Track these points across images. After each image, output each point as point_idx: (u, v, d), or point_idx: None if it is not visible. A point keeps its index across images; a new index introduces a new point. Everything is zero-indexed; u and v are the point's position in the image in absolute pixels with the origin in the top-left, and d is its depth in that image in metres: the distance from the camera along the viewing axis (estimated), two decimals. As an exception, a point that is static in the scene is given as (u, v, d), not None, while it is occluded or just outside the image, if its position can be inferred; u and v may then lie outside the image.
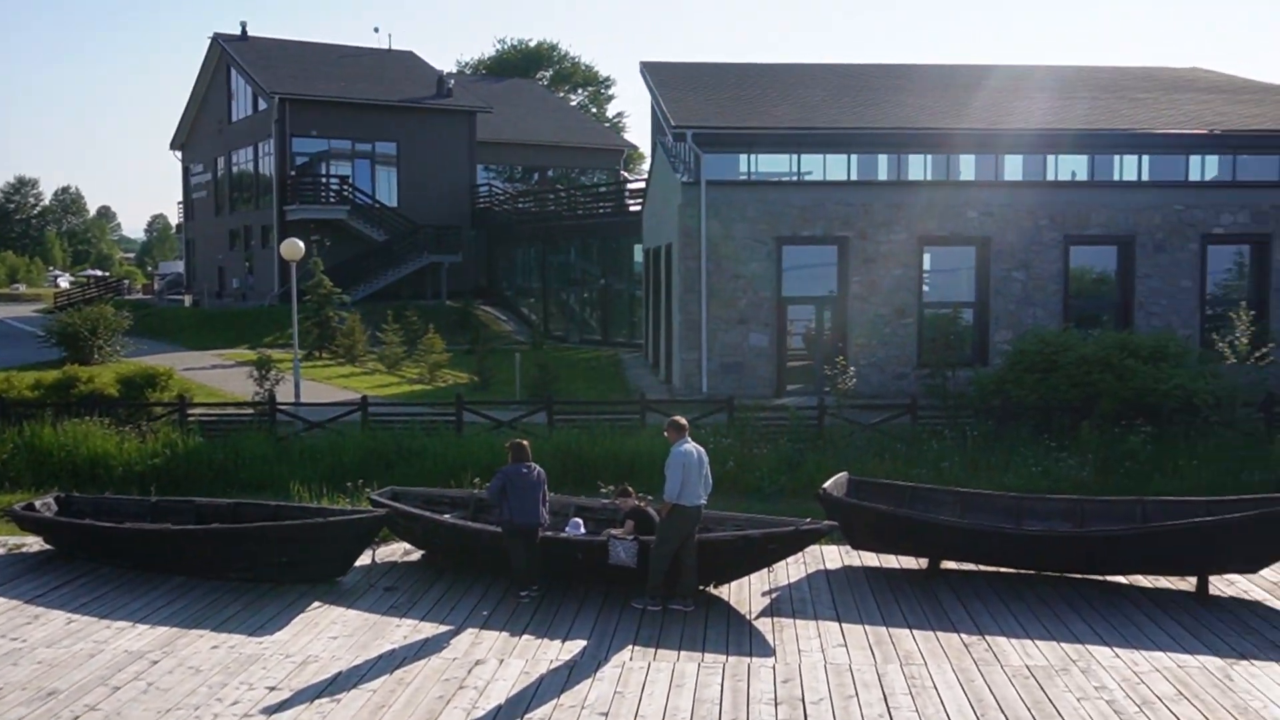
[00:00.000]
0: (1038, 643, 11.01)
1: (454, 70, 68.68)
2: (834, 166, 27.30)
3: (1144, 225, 27.09)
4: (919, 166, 27.52)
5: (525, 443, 12.92)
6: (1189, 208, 27.24)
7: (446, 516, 14.13)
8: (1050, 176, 27.61)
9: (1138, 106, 30.38)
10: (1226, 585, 12.94)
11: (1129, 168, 27.80)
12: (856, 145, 27.19)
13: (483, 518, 14.32)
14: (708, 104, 29.39)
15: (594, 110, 78.94)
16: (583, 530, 13.62)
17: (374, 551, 14.26)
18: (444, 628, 11.65)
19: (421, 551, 14.38)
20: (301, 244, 27.93)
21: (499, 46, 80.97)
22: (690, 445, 12.23)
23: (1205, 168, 28.03)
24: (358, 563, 13.70)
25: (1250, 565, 12.79)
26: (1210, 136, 27.48)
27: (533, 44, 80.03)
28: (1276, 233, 27.38)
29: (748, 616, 12.01)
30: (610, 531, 12.90)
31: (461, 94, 51.70)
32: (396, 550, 14.64)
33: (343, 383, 30.98)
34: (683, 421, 12.54)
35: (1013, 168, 27.73)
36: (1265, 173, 27.80)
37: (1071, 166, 27.86)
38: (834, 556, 14.24)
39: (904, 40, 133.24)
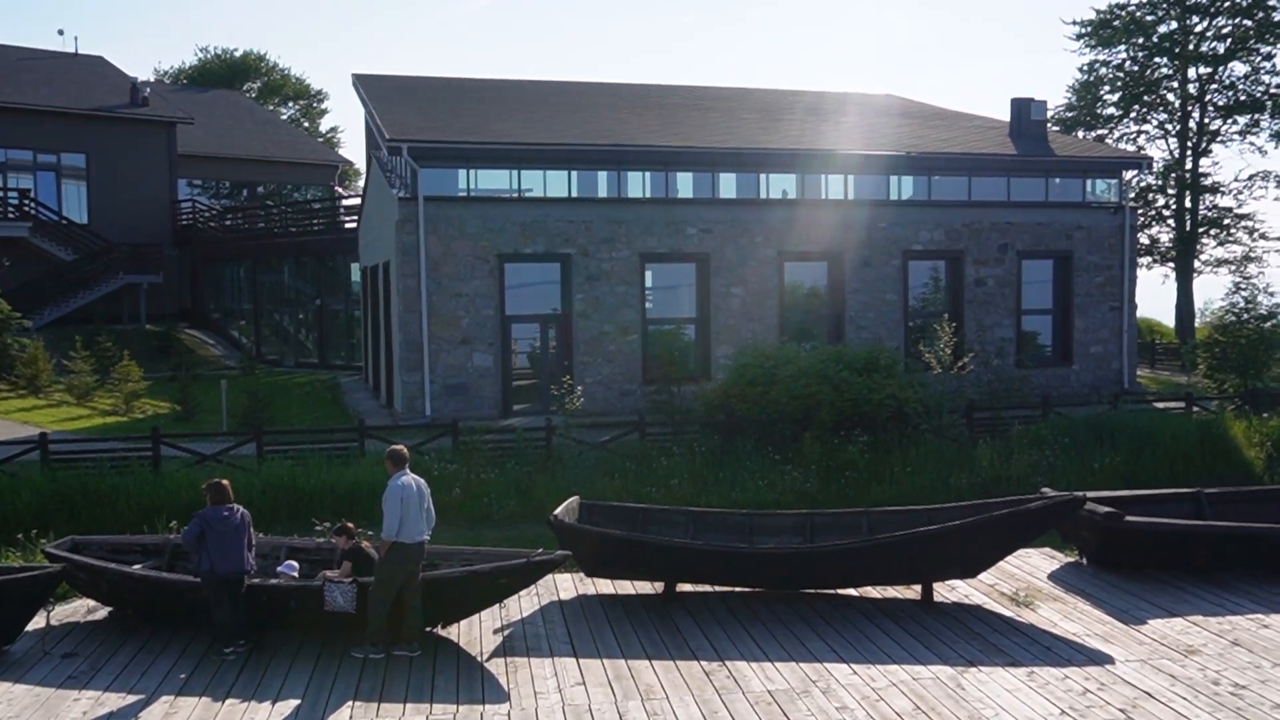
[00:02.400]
0: (777, 665, 10.83)
1: (151, 79, 64.39)
2: (554, 183, 26.97)
3: (851, 242, 28.18)
4: (638, 184, 27.58)
5: (225, 482, 11.69)
6: (890, 225, 28.57)
7: (136, 567, 12.64)
8: (763, 195, 28.29)
9: (840, 129, 31.69)
10: (949, 591, 13.28)
11: (835, 187, 28.86)
12: (577, 162, 26.99)
13: (180, 566, 12.93)
14: (424, 118, 28.47)
15: (306, 124, 75.89)
16: (296, 574, 12.49)
17: (49, 612, 12.50)
18: (133, 697, 10.30)
19: (108, 609, 12.82)
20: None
21: (201, 55, 76.29)
22: (409, 477, 11.37)
23: (903, 188, 29.47)
24: (30, 627, 12.02)
25: (968, 570, 13.19)
26: (907, 158, 28.92)
27: (238, 54, 76.06)
28: (968, 249, 29.12)
29: (479, 658, 11.27)
30: (325, 574, 11.87)
31: (159, 104, 48.34)
32: (78, 609, 12.98)
33: (23, 417, 27.98)
34: (402, 451, 11.66)
35: (728, 186, 28.24)
36: (956, 193, 29.54)
37: (782, 185, 28.65)
38: (568, 586, 13.70)
39: (620, 63, 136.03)
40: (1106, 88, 45.70)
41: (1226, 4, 42.76)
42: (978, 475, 19.71)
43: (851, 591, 13.25)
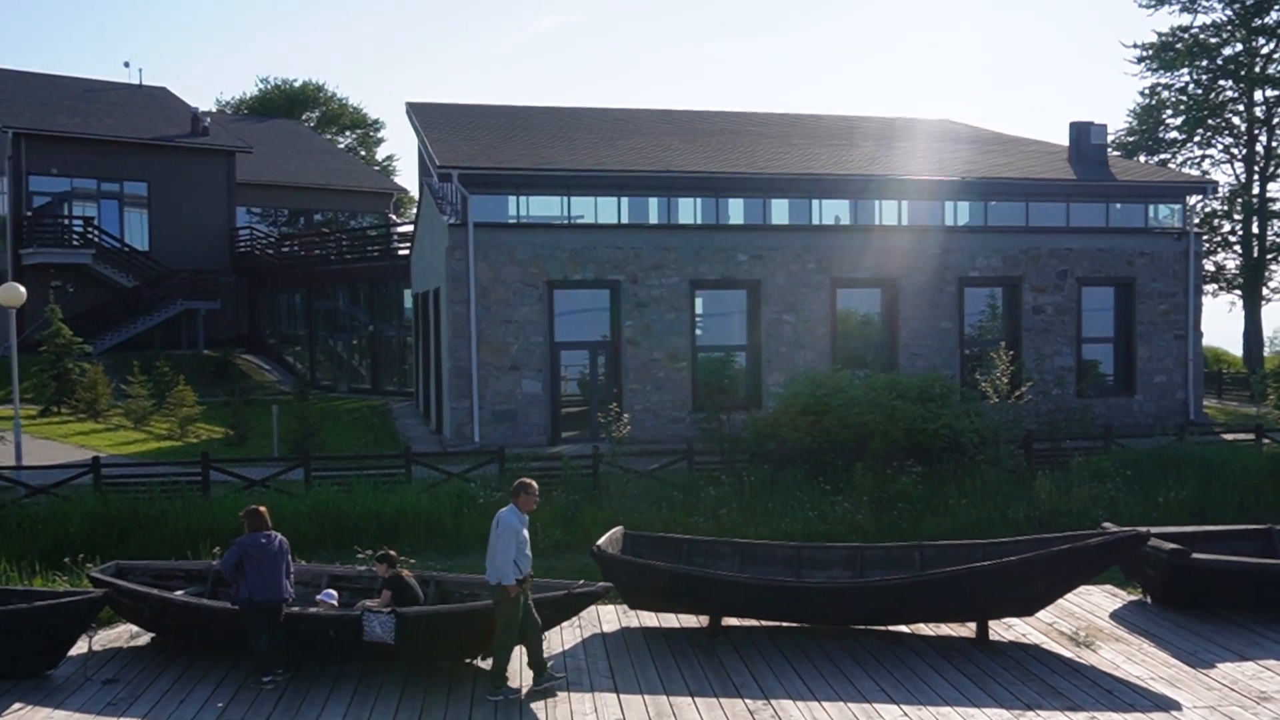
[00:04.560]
0: (824, 704, 10.47)
1: (212, 109, 65.52)
2: (604, 209, 26.87)
3: (905, 268, 27.76)
4: (689, 210, 27.41)
5: (262, 509, 11.61)
6: (946, 251, 28.11)
7: (178, 593, 12.58)
8: (815, 220, 27.97)
9: (895, 154, 31.31)
10: (1005, 629, 12.82)
11: (889, 212, 28.48)
12: (626, 188, 26.88)
13: (223, 593, 12.84)
14: (475, 145, 28.54)
15: (363, 153, 76.78)
16: (335, 602, 12.34)
17: (91, 638, 12.45)
18: (171, 725, 10.19)
19: (151, 635, 12.75)
20: (22, 289, 25.19)
21: (261, 86, 77.60)
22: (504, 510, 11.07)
23: (959, 213, 29.02)
24: (72, 651, 11.98)
25: (1026, 608, 12.72)
26: (963, 184, 28.47)
27: (297, 84, 77.18)
28: (1026, 275, 28.59)
29: (519, 691, 11.03)
30: (365, 603, 11.71)
31: (219, 133, 49.10)
32: (122, 634, 12.95)
33: (82, 440, 28.28)
34: (522, 483, 11.22)
35: (779, 211, 27.98)
36: (1014, 219, 29.03)
37: (835, 211, 28.33)
38: (611, 618, 13.43)
39: (671, 88, 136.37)
40: (1169, 111, 44.86)
41: (1294, 26, 41.87)
42: (1036, 508, 19.14)
43: (903, 628, 12.85)
